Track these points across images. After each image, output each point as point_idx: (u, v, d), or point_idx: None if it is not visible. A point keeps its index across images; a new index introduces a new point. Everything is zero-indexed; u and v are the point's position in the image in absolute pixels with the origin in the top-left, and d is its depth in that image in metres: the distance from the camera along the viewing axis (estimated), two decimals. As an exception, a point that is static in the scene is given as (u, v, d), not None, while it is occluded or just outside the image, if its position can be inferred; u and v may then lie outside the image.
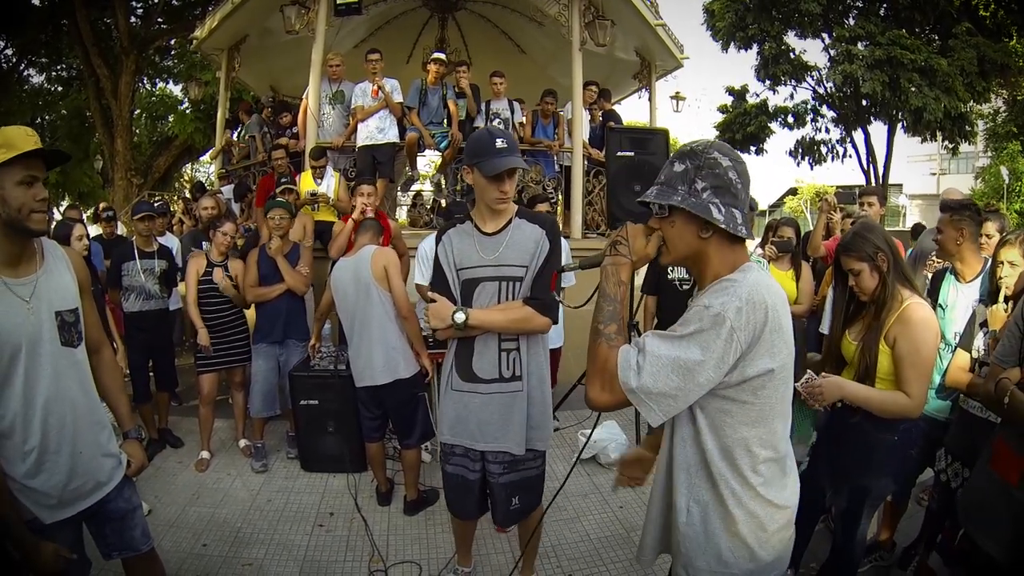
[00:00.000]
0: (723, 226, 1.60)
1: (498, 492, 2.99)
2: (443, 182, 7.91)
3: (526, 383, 2.85)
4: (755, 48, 21.79)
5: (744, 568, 1.73)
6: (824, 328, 4.49)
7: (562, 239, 3.19)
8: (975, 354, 2.96)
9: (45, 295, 2.11)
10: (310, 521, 4.30)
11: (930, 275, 3.74)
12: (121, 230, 9.24)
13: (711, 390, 1.61)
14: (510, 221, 2.84)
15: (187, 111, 18.29)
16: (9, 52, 20.55)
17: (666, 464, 1.84)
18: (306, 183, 6.56)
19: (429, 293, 2.85)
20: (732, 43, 21.98)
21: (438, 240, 2.94)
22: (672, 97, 15.86)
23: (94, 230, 7.94)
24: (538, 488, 3.10)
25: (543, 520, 3.36)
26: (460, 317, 2.68)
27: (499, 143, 2.67)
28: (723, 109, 24.46)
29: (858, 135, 22.26)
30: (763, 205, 36.15)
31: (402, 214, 11.57)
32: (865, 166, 22.10)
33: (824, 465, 3.07)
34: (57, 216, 24.12)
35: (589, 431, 4.99)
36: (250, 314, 5.39)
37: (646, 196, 1.72)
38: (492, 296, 2.80)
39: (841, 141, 22.82)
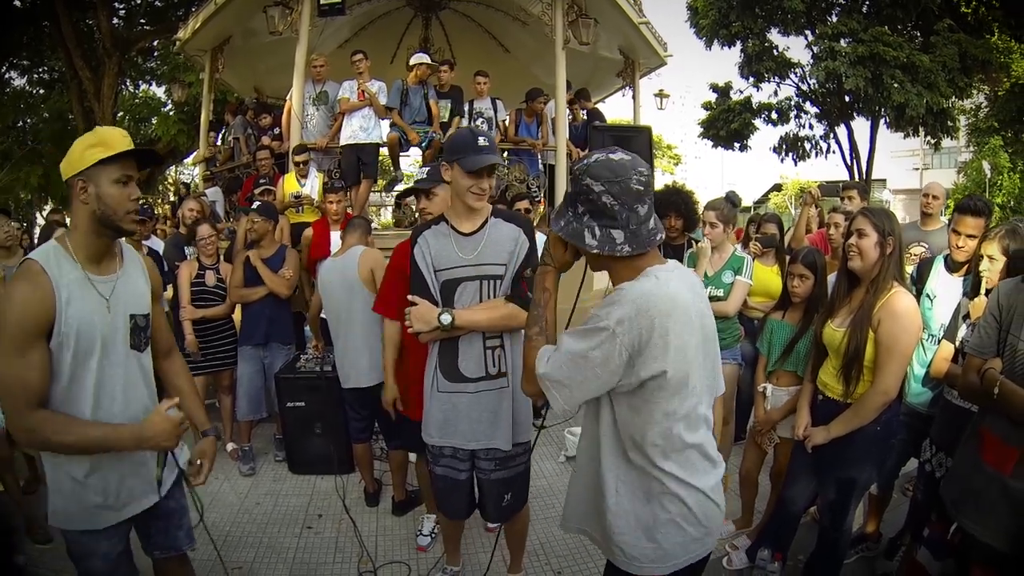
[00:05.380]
0: (595, 251, 1.76)
1: (489, 489, 3.01)
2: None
3: (511, 379, 2.88)
4: (739, 45, 21.93)
5: (673, 541, 1.86)
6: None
7: (540, 236, 3.22)
8: (958, 345, 3.01)
9: (123, 296, 2.15)
10: (299, 523, 4.30)
11: (911, 268, 3.77)
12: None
13: (616, 391, 1.78)
14: (487, 221, 2.86)
15: (171, 113, 18.12)
16: None
17: (593, 445, 1.95)
18: (290, 185, 6.56)
19: (409, 296, 2.85)
20: (716, 40, 22.10)
21: (413, 241, 2.93)
22: (656, 95, 15.85)
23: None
24: (526, 483, 3.13)
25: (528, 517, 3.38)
26: (446, 319, 2.70)
27: (481, 140, 2.71)
28: (707, 106, 24.49)
29: (841, 131, 22.43)
30: (747, 201, 36.32)
31: (387, 214, 11.54)
32: (848, 161, 22.27)
33: (808, 457, 3.11)
34: (40, 220, 24.11)
35: (576, 429, 5.04)
36: (237, 318, 5.39)
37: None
38: (473, 295, 2.82)
39: (824, 137, 22.92)
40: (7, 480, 4.14)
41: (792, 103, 22.85)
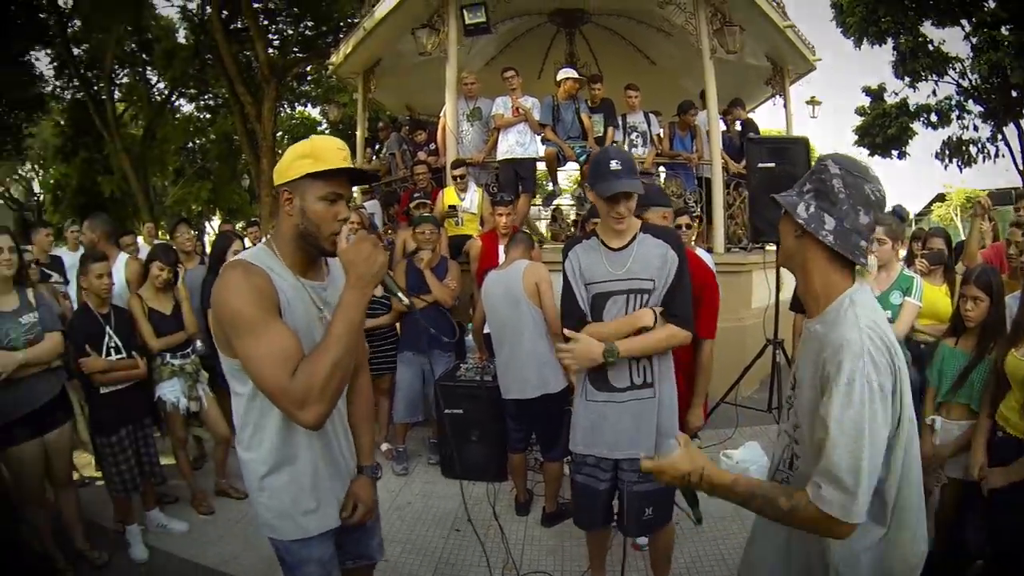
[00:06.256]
0: (801, 221, 1.67)
1: (631, 501, 3.02)
2: (584, 195, 7.96)
3: (657, 389, 2.91)
4: (890, 43, 20.31)
5: None
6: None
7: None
8: None
9: (333, 305, 2.00)
10: (447, 525, 4.45)
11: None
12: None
13: None
14: (635, 236, 2.90)
15: (326, 131, 19.34)
16: (161, 85, 23.34)
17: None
18: (450, 198, 6.79)
19: (565, 332, 2.92)
20: (865, 39, 20.59)
21: (564, 255, 3.03)
22: (808, 102, 15.09)
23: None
24: (669, 501, 3.12)
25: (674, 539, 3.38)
26: (612, 355, 2.76)
27: (613, 164, 2.75)
28: (860, 111, 22.82)
29: (1011, 131, 20.16)
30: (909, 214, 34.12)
31: (542, 228, 11.74)
32: (1021, 166, 20.19)
33: (982, 502, 2.87)
34: (209, 230, 26.55)
35: (733, 452, 4.88)
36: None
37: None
38: (621, 309, 2.88)
39: (992, 139, 20.68)
40: (179, 456, 4.73)
41: (953, 103, 20.78)
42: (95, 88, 21.55)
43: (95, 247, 5.18)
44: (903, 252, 5.01)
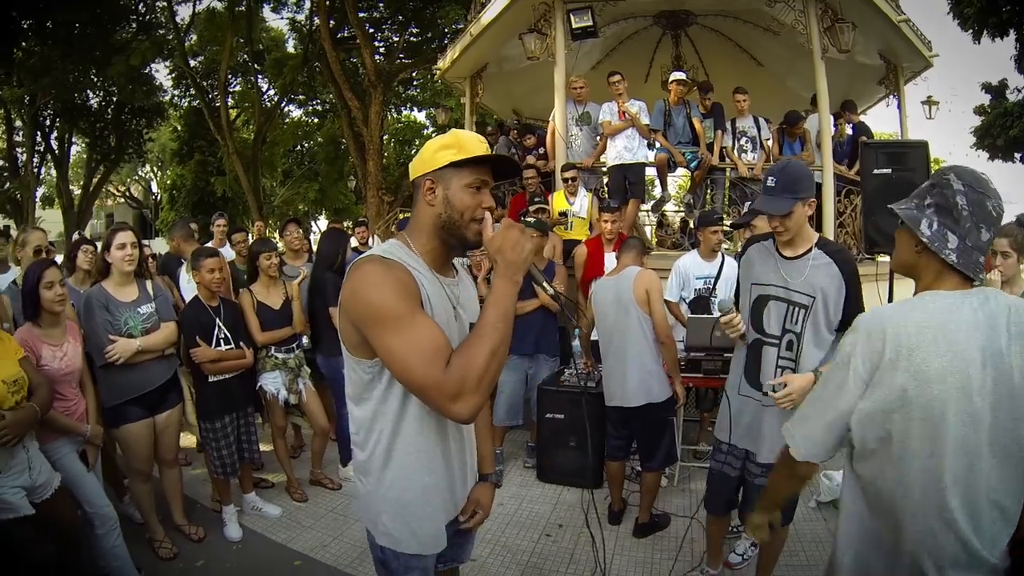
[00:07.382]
0: (924, 240, 1.66)
1: (751, 493, 3.10)
2: (693, 202, 7.85)
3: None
4: (1012, 35, 18.52)
5: None
6: None
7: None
8: None
9: (466, 304, 2.04)
10: (538, 529, 4.45)
11: None
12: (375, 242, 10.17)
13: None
14: (810, 250, 2.94)
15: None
16: (272, 92, 24.63)
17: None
18: (559, 203, 6.85)
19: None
20: (985, 31, 18.94)
21: (741, 253, 3.18)
22: (924, 102, 14.29)
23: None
24: (792, 504, 3.20)
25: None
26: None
27: (769, 181, 2.88)
28: (979, 111, 20.90)
29: None
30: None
31: (648, 233, 11.62)
32: None
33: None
34: (315, 229, 27.88)
35: (833, 473, 4.69)
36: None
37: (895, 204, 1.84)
38: (779, 317, 2.96)
39: None
40: (278, 444, 5.01)
41: (1084, 100, 19.00)
42: (210, 96, 23.04)
43: (178, 250, 5.69)
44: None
